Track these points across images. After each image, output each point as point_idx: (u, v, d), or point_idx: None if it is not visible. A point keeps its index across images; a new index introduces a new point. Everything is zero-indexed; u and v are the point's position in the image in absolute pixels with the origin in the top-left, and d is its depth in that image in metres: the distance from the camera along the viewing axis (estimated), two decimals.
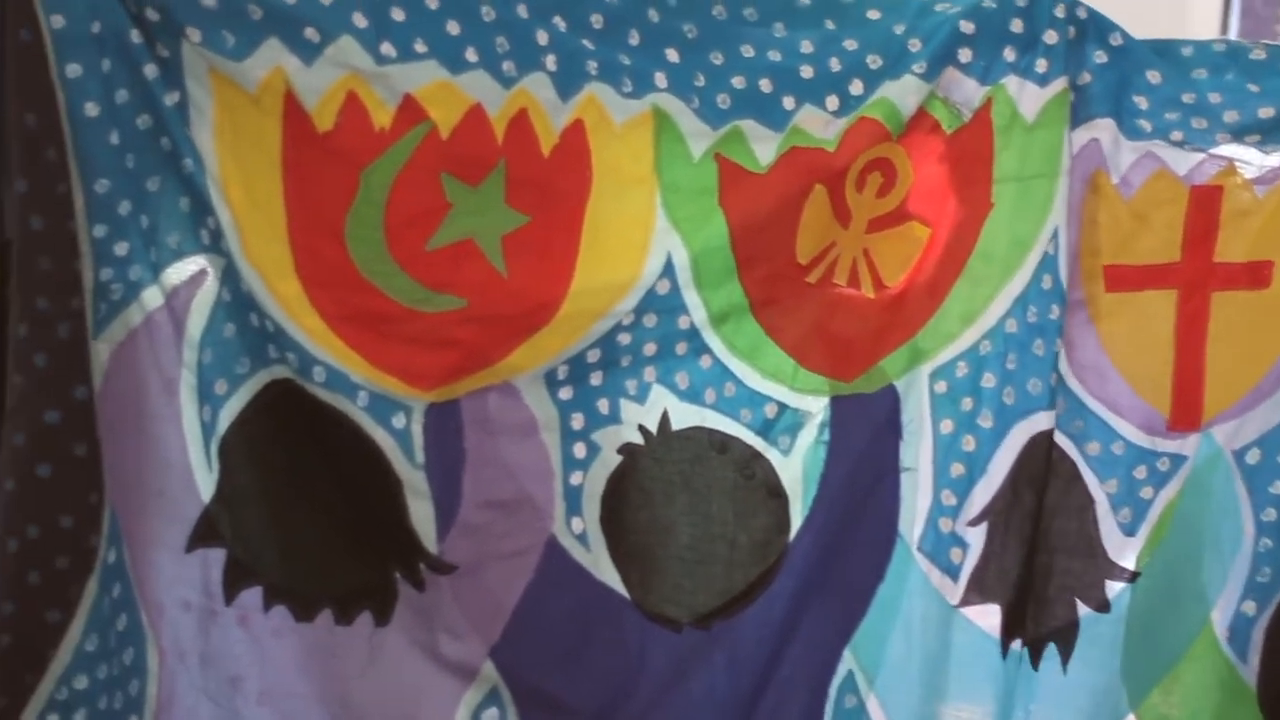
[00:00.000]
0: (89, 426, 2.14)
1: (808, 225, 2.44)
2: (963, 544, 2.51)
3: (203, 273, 2.22)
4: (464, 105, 2.27)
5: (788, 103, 2.42)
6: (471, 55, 2.27)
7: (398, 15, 2.23)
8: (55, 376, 2.11)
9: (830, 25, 2.45)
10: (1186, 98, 2.49)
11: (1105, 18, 2.48)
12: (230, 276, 2.22)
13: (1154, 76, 2.49)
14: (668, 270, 2.38)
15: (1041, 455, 2.50)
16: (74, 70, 2.08)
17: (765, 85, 2.41)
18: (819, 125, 2.43)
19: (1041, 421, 2.50)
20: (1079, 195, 2.48)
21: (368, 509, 2.32)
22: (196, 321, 2.23)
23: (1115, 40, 2.48)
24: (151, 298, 2.20)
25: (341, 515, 2.31)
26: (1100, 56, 2.47)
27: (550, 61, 2.31)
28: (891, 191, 2.48)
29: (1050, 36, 2.46)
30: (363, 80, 2.22)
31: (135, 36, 2.13)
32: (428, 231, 2.27)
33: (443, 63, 2.25)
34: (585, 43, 2.34)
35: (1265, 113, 2.48)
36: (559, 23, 2.32)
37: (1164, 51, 2.50)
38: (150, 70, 2.14)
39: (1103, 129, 2.48)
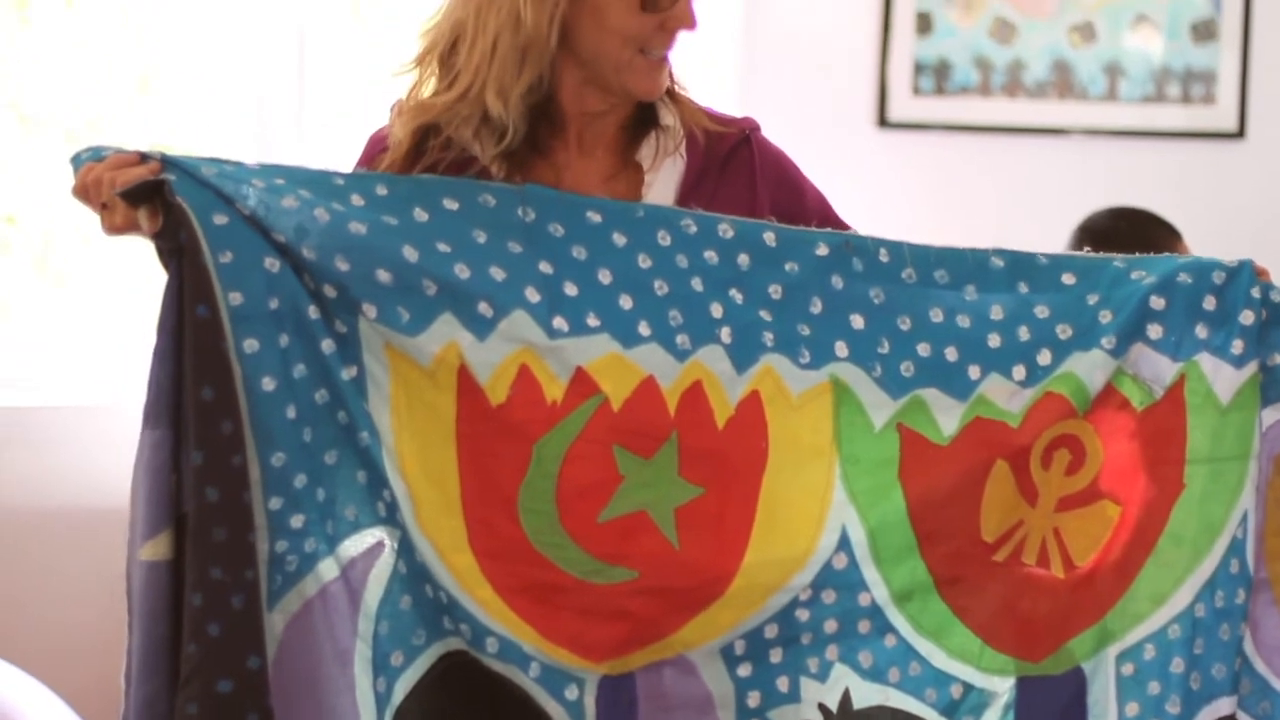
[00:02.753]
0: (262, 696, 2.16)
1: (992, 502, 2.40)
2: None
3: (379, 544, 2.24)
4: (636, 378, 2.28)
5: (973, 372, 2.40)
6: (644, 329, 2.29)
7: (570, 290, 2.27)
8: (229, 646, 2.14)
9: (1023, 288, 2.43)
10: None
11: None
12: (406, 548, 2.24)
13: None
14: (844, 545, 2.35)
15: None
16: (251, 345, 2.14)
17: (951, 353, 2.39)
18: (1004, 395, 2.40)
19: (1224, 707, 2.43)
20: (1265, 475, 2.43)
21: None
22: (373, 593, 2.24)
23: None
24: (327, 569, 2.21)
25: None
26: None
27: (725, 334, 2.32)
28: (1081, 470, 2.43)
29: (1246, 317, 2.42)
30: (535, 354, 2.25)
31: (313, 312, 2.18)
32: (600, 504, 2.28)
33: (615, 336, 2.28)
34: (762, 314, 2.34)
35: None
36: (735, 295, 2.34)
37: None
38: (328, 345, 2.19)
39: None
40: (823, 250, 2.38)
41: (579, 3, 2.32)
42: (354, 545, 2.23)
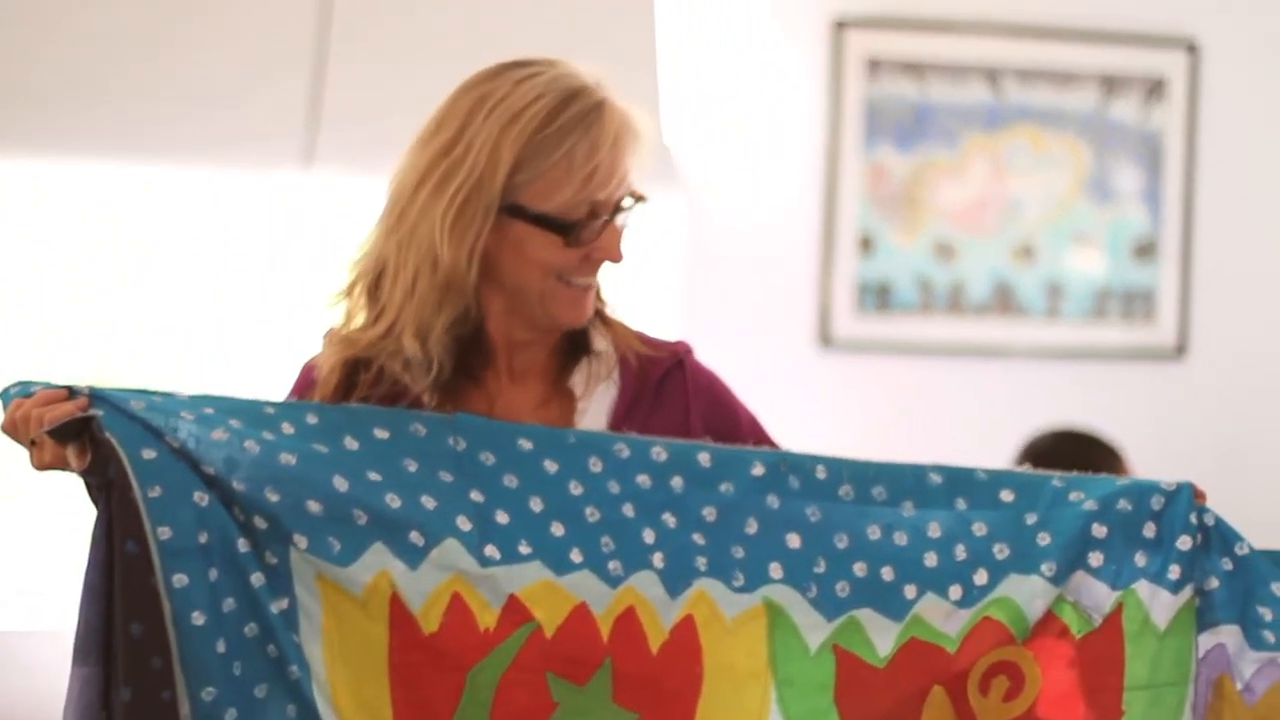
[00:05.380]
0: None
1: None
2: None
3: None
4: (569, 605, 2.28)
5: (909, 591, 2.39)
6: (576, 556, 2.29)
7: (501, 518, 2.27)
8: None
9: (961, 504, 2.43)
10: None
11: (1230, 526, 2.45)
12: None
13: (1278, 589, 2.44)
14: None
15: None
16: (181, 580, 2.13)
17: (887, 573, 2.39)
18: (940, 616, 2.39)
19: None
20: (1204, 699, 2.42)
21: None
22: None
23: (1241, 550, 2.43)
24: None
25: None
26: (1227, 564, 2.43)
27: (658, 559, 2.32)
28: (1019, 696, 2.41)
29: (1184, 543, 2.41)
30: (467, 582, 2.24)
31: (243, 545, 2.18)
32: None
33: (547, 564, 2.28)
34: (695, 537, 2.34)
35: None
36: (668, 519, 2.34)
37: None
38: (257, 579, 2.18)
39: (1229, 635, 2.43)
40: (758, 470, 2.39)
41: (500, 236, 2.33)
42: None
